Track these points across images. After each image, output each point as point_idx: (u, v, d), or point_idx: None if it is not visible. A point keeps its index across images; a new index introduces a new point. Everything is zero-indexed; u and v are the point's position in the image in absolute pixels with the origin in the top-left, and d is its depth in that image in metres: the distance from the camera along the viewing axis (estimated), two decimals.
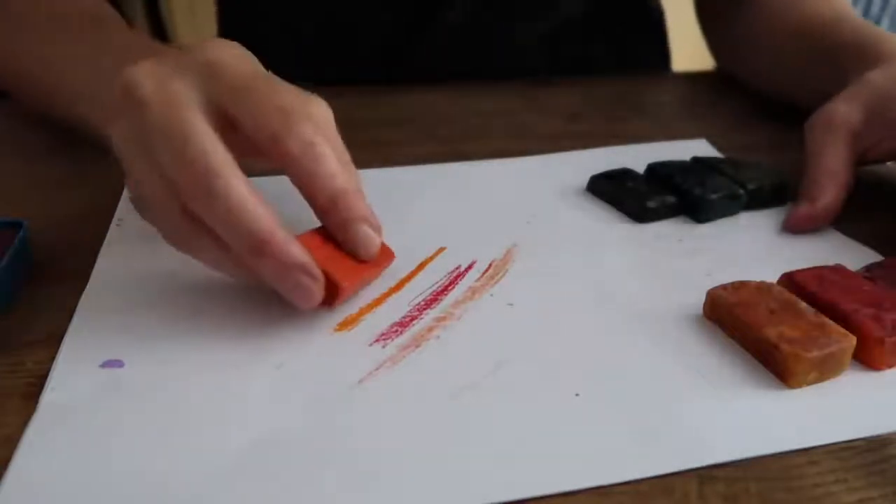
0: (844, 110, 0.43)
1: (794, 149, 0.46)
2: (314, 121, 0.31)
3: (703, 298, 0.34)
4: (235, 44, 0.33)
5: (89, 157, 0.48)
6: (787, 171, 0.45)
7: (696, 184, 0.43)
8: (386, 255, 0.34)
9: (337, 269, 0.31)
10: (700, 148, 0.52)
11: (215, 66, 0.31)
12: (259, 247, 0.28)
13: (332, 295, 0.31)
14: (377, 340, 0.32)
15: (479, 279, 0.37)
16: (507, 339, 0.32)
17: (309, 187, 0.31)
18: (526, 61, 0.69)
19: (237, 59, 0.32)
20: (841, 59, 0.49)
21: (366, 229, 0.32)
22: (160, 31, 1.17)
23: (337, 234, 0.32)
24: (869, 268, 0.36)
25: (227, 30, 0.72)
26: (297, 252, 0.29)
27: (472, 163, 0.49)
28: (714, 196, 0.42)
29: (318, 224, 0.33)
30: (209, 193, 0.28)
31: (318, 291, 0.30)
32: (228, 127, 0.30)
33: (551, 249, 0.39)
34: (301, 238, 0.30)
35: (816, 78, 0.52)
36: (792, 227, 0.42)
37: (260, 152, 0.31)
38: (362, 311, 0.34)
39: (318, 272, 0.30)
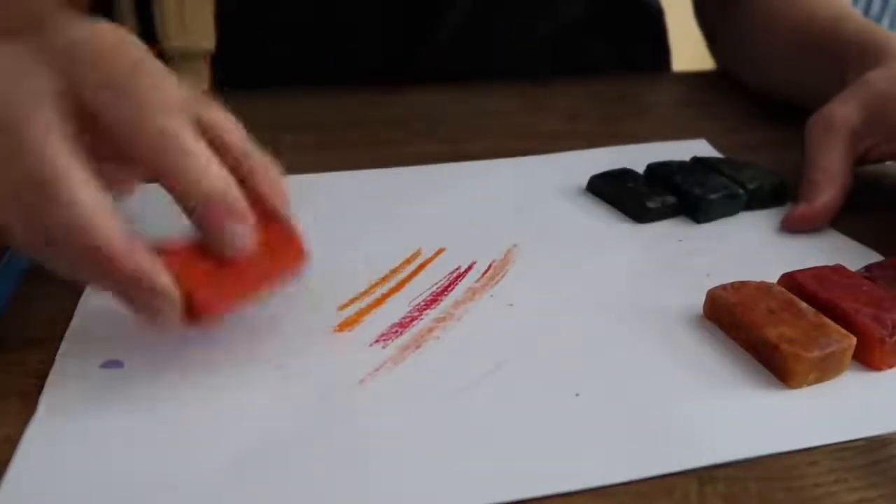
0: (844, 111, 0.43)
1: (794, 149, 0.46)
2: (181, 113, 0.27)
3: (703, 298, 0.34)
4: (114, 26, 0.29)
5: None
6: (786, 171, 0.45)
7: (696, 184, 0.43)
8: (290, 252, 0.31)
9: (206, 281, 0.28)
10: (700, 148, 0.52)
11: (82, 50, 0.27)
12: (95, 260, 0.26)
13: (195, 310, 0.28)
14: (377, 341, 0.32)
15: (478, 280, 0.37)
16: (507, 339, 0.32)
17: (174, 188, 0.28)
18: (526, 61, 0.69)
19: (109, 42, 0.28)
20: (841, 58, 0.49)
21: (232, 228, 0.28)
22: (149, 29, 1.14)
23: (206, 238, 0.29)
24: (869, 268, 0.36)
25: (227, 31, 0.72)
26: (138, 263, 0.26)
27: (472, 163, 0.49)
28: (714, 196, 0.42)
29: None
30: (46, 200, 0.25)
31: (168, 309, 0.27)
32: (89, 119, 0.27)
33: (551, 249, 0.39)
34: (172, 247, 0.28)
35: (816, 77, 0.52)
36: (789, 227, 0.42)
37: (121, 154, 0.28)
38: (362, 312, 0.34)
39: (164, 284, 0.26)
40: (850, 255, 0.39)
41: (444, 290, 0.36)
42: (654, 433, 0.28)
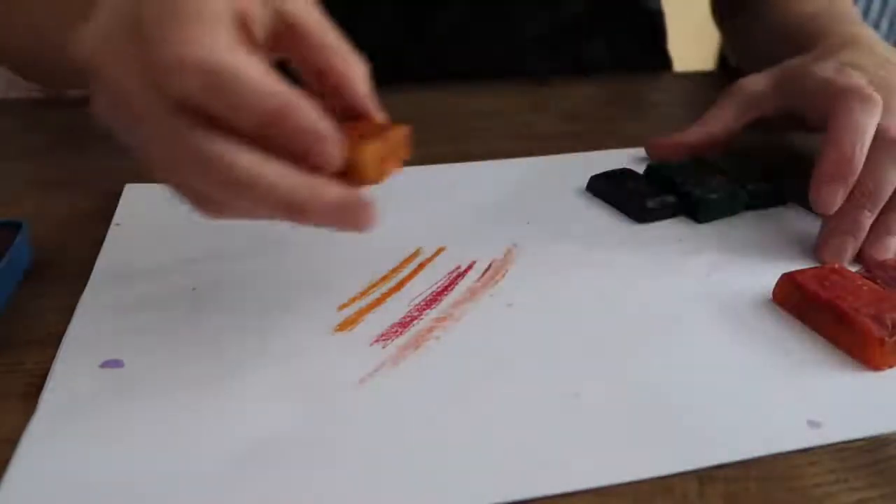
0: (750, 80, 0.48)
1: (793, 149, 0.46)
2: (225, 24, 0.26)
3: (702, 298, 0.34)
4: None
5: (89, 157, 0.48)
6: (786, 171, 0.45)
7: (696, 184, 0.43)
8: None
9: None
10: None
11: None
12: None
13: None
14: (377, 341, 0.32)
15: (478, 280, 0.37)
16: (507, 339, 0.32)
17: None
18: (525, 61, 0.69)
19: None
20: (800, 52, 0.50)
21: (324, 149, 0.27)
22: None
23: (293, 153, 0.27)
24: (869, 268, 0.36)
25: None
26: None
27: (472, 163, 0.49)
28: (714, 196, 0.42)
29: None
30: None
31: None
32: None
33: (551, 250, 0.39)
34: None
35: None
36: (648, 151, 0.49)
37: None
38: (362, 312, 0.34)
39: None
40: None
41: (444, 290, 0.36)
42: (654, 433, 0.28)
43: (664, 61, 0.78)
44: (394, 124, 0.32)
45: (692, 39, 0.75)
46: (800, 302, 0.34)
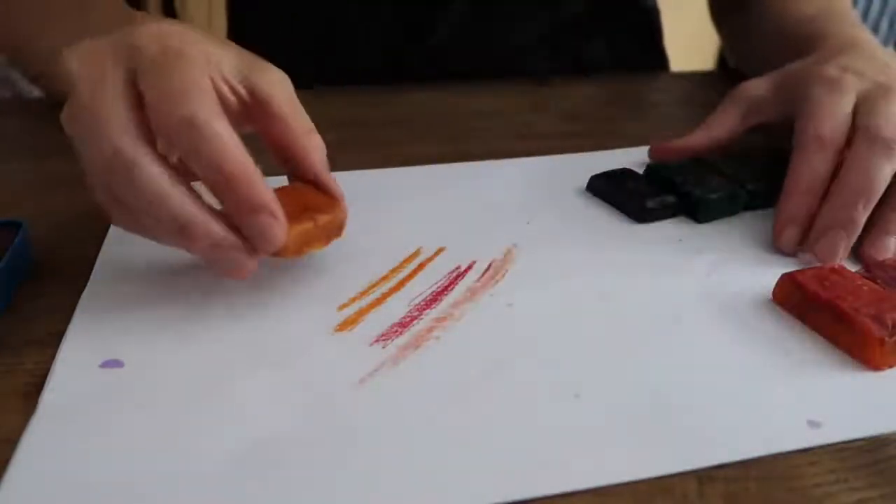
0: (753, 84, 0.48)
1: (793, 150, 0.46)
2: (206, 96, 0.30)
3: (702, 298, 0.34)
4: (169, 23, 0.32)
5: None
6: (786, 171, 0.45)
7: (696, 184, 0.43)
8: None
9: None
10: None
11: (138, 41, 0.31)
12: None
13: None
14: (377, 340, 0.32)
15: (478, 280, 0.37)
16: (507, 339, 0.32)
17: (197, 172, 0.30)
18: (525, 61, 0.69)
19: (151, 34, 0.31)
20: (799, 55, 0.50)
21: (262, 220, 0.30)
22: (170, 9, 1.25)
23: (234, 219, 0.31)
24: (869, 268, 0.36)
25: (236, 30, 0.72)
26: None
27: (472, 163, 0.49)
28: (714, 196, 0.42)
29: None
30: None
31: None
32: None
33: (551, 250, 0.39)
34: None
35: None
36: (651, 152, 0.49)
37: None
38: (362, 312, 0.34)
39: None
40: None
41: (444, 290, 0.36)
42: (654, 433, 0.28)
43: (660, 60, 0.78)
44: (337, 206, 0.35)
45: (691, 39, 0.75)
46: (800, 302, 0.34)
